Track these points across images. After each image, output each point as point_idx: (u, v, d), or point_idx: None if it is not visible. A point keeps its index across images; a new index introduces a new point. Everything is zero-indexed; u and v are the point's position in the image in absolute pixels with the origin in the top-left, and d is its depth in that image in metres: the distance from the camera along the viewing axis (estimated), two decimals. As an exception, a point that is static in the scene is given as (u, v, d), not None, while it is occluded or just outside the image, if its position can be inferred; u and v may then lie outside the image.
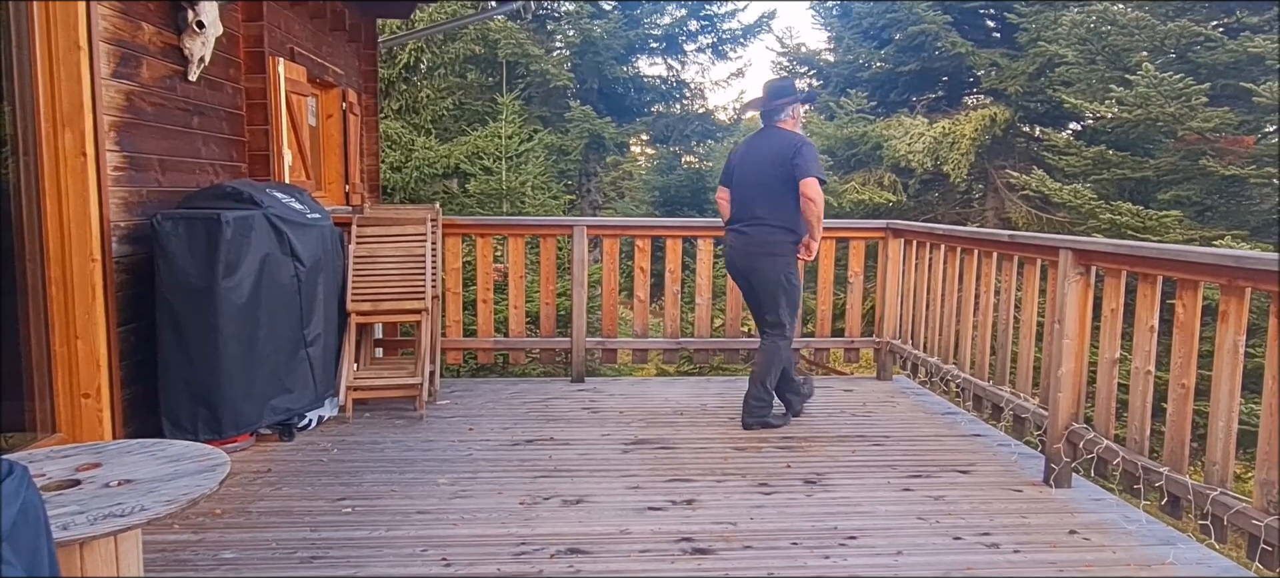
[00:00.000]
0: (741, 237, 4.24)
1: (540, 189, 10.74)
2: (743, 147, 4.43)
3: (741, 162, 4.30)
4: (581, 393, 5.08)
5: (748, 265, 4.25)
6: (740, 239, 4.25)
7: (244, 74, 4.75)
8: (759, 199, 4.17)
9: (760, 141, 4.28)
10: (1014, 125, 11.68)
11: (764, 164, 4.18)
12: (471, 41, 12.54)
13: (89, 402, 3.31)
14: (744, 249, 4.24)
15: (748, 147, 4.36)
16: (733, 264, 4.37)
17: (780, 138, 4.20)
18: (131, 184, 3.59)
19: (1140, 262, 3.17)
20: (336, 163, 6.32)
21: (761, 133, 4.32)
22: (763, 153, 4.21)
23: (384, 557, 2.78)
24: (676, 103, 15.84)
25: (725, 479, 3.56)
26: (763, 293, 4.25)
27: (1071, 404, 3.53)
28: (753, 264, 4.23)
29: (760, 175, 4.18)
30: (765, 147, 4.22)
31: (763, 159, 4.19)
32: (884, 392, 5.21)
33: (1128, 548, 2.94)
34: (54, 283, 3.24)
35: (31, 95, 3.14)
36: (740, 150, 4.39)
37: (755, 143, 4.32)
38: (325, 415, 4.31)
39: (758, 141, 4.30)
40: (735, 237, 4.28)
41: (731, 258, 4.36)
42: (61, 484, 2.00)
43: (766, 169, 4.16)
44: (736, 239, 4.28)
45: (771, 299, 4.23)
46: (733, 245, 4.31)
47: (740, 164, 4.29)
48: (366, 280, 4.56)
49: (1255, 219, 8.76)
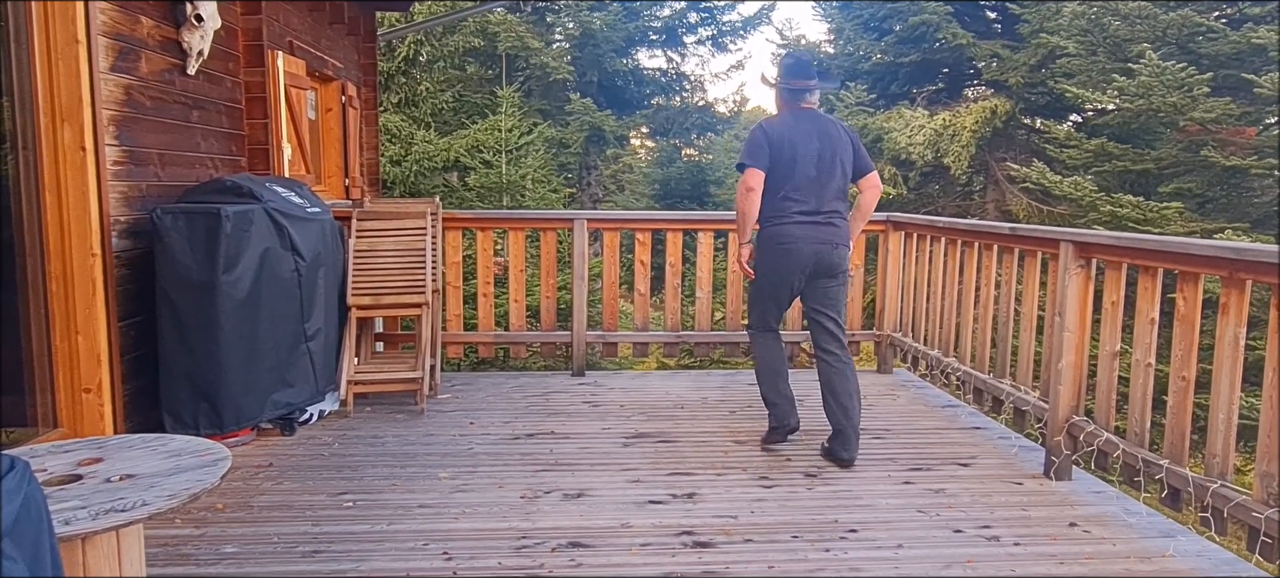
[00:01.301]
0: (828, 227, 3.75)
1: (540, 182, 10.73)
2: (785, 127, 3.82)
3: (794, 146, 3.75)
4: (582, 387, 5.08)
5: (832, 257, 3.75)
6: (827, 229, 3.74)
7: (243, 68, 4.74)
8: (835, 186, 3.77)
9: (814, 124, 3.80)
10: (1015, 117, 11.66)
11: (828, 148, 3.75)
12: (471, 34, 12.52)
13: (90, 397, 3.31)
14: (832, 239, 3.75)
15: (794, 127, 3.80)
16: (811, 254, 3.73)
17: (833, 123, 3.85)
18: (131, 178, 3.59)
19: (1141, 254, 3.17)
20: (336, 156, 6.32)
21: (803, 115, 3.84)
22: (829, 137, 3.77)
23: (385, 551, 2.78)
24: (676, 95, 15.84)
25: (726, 473, 3.57)
26: (837, 291, 3.83)
27: (1072, 397, 3.53)
28: (838, 257, 3.77)
29: (829, 161, 3.75)
30: (820, 129, 3.78)
31: (826, 143, 3.76)
32: (884, 385, 5.21)
33: (1128, 540, 2.94)
34: (54, 278, 3.24)
35: (31, 90, 3.13)
36: (786, 131, 3.79)
37: (806, 126, 3.79)
38: (326, 410, 4.32)
39: (808, 124, 3.80)
40: (815, 226, 3.73)
41: (810, 247, 3.73)
42: (63, 480, 2.01)
43: (832, 155, 3.75)
44: (817, 232, 3.73)
45: (841, 296, 3.85)
46: (810, 238, 3.72)
47: (796, 148, 3.74)
48: (367, 275, 4.56)
49: (1256, 211, 8.75)
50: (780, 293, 3.84)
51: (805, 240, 3.72)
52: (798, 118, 3.83)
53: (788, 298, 3.88)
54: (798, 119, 3.83)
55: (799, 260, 3.73)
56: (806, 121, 3.81)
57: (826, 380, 3.79)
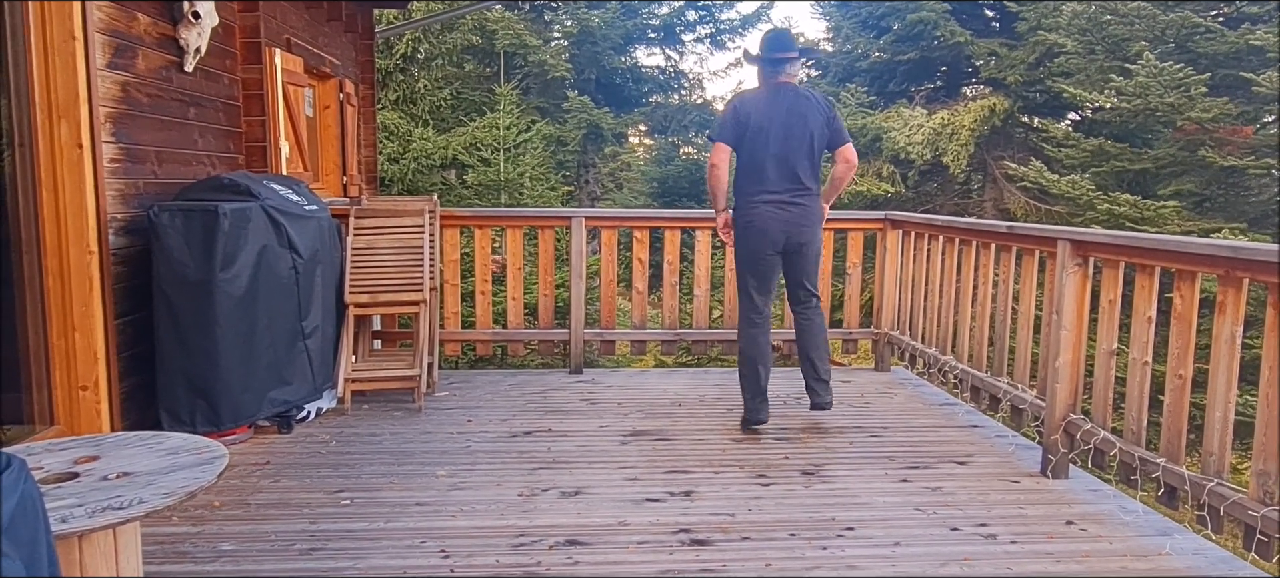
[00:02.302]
0: (794, 207, 3.83)
1: (538, 180, 10.73)
2: (757, 102, 3.89)
3: (763, 120, 3.80)
4: (580, 384, 5.08)
5: (800, 237, 3.87)
6: (793, 210, 3.83)
7: (240, 65, 4.73)
8: (801, 163, 3.80)
9: (781, 98, 3.83)
10: (1013, 116, 11.66)
11: (798, 123, 3.77)
12: (469, 32, 12.50)
13: (86, 394, 3.31)
14: (798, 221, 3.84)
15: (766, 103, 3.85)
16: (780, 234, 3.86)
17: (804, 96, 3.86)
18: (128, 176, 3.58)
19: (1138, 253, 3.17)
20: (334, 154, 6.31)
21: (776, 89, 3.88)
22: (799, 113, 3.80)
23: (383, 548, 2.78)
24: (675, 93, 15.81)
25: (723, 470, 3.57)
26: (809, 264, 3.98)
27: (1069, 395, 3.54)
28: (806, 236, 3.88)
29: (797, 137, 3.78)
30: (792, 104, 3.81)
31: (795, 118, 3.78)
32: (882, 383, 5.22)
33: (1124, 539, 2.94)
34: (51, 275, 3.24)
35: (27, 87, 3.13)
36: (757, 107, 3.86)
37: (775, 99, 3.84)
38: (323, 408, 4.31)
39: (778, 98, 3.84)
40: (780, 207, 3.83)
41: (779, 228, 3.85)
42: (59, 477, 2.00)
43: (801, 129, 3.77)
44: (785, 211, 3.83)
45: (815, 268, 4.03)
46: (776, 217, 3.84)
47: (762, 123, 3.80)
48: (364, 272, 4.56)
49: (1253, 210, 8.76)
50: (759, 268, 3.98)
51: (773, 222, 3.88)
52: (774, 92, 3.90)
53: (767, 271, 4.00)
54: (774, 93, 3.90)
55: (770, 240, 3.92)
56: (780, 96, 3.88)
57: (798, 336, 4.10)
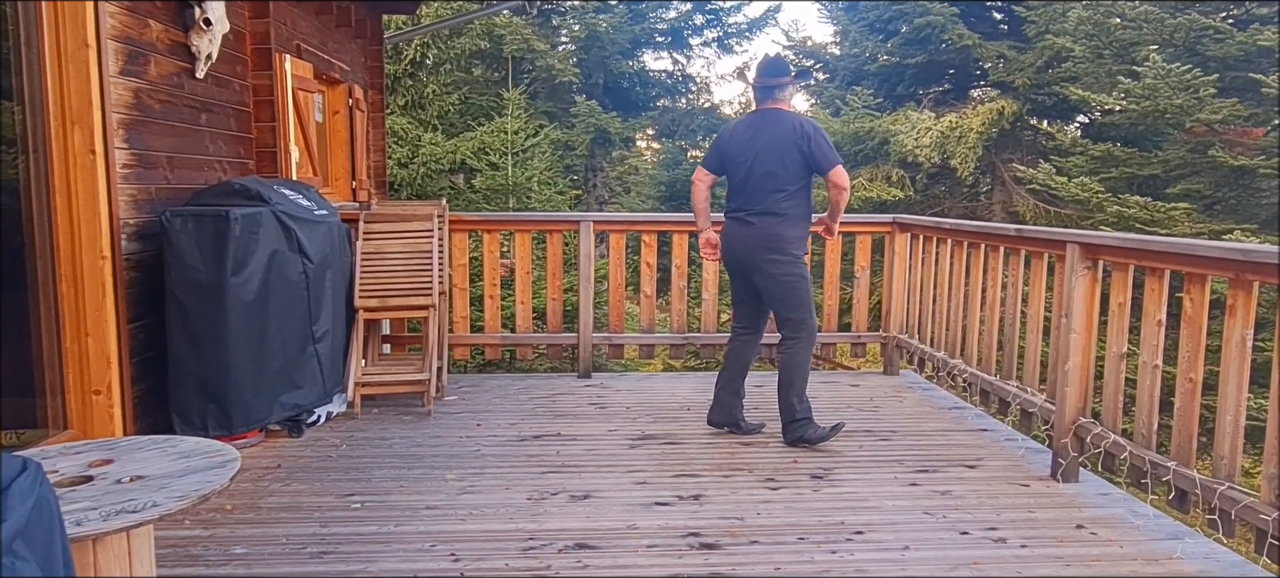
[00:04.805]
0: (746, 227, 3.91)
1: (546, 184, 10.74)
2: (739, 129, 4.06)
3: (742, 146, 3.94)
4: (588, 388, 5.09)
5: (751, 260, 3.94)
6: (744, 230, 3.92)
7: (251, 71, 4.77)
8: (770, 188, 3.85)
9: (762, 124, 3.94)
10: (1021, 118, 11.62)
11: (772, 149, 3.85)
12: (477, 37, 12.55)
13: (100, 398, 3.33)
14: (749, 242, 3.92)
15: (748, 129, 3.99)
16: (733, 255, 4.02)
17: (785, 121, 3.90)
18: (140, 181, 3.61)
19: (1148, 255, 3.16)
20: (343, 159, 6.34)
21: (759, 115, 4.00)
22: (769, 137, 3.88)
23: (393, 552, 2.79)
24: (682, 97, 15.82)
25: (732, 475, 3.57)
26: (774, 292, 3.95)
27: (1079, 399, 3.53)
28: (757, 260, 3.92)
29: (770, 162, 3.85)
30: (770, 130, 3.90)
31: (771, 144, 3.86)
32: (891, 386, 5.21)
33: (1135, 543, 2.93)
34: (64, 280, 3.26)
35: (41, 93, 3.16)
36: (737, 133, 4.03)
37: (756, 125, 3.96)
38: (334, 412, 4.33)
39: (759, 124, 3.95)
40: (738, 226, 3.95)
41: (732, 249, 4.01)
42: (74, 481, 2.02)
43: (775, 155, 3.84)
44: (740, 230, 3.94)
45: (789, 295, 3.94)
46: (735, 237, 3.98)
47: (740, 149, 3.94)
48: (374, 277, 4.58)
49: (1264, 212, 8.71)
50: (735, 282, 4.17)
51: (731, 238, 4.04)
52: (757, 118, 4.03)
53: (741, 286, 4.14)
54: (756, 120, 4.03)
55: (731, 256, 4.07)
56: (759, 121, 4.00)
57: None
